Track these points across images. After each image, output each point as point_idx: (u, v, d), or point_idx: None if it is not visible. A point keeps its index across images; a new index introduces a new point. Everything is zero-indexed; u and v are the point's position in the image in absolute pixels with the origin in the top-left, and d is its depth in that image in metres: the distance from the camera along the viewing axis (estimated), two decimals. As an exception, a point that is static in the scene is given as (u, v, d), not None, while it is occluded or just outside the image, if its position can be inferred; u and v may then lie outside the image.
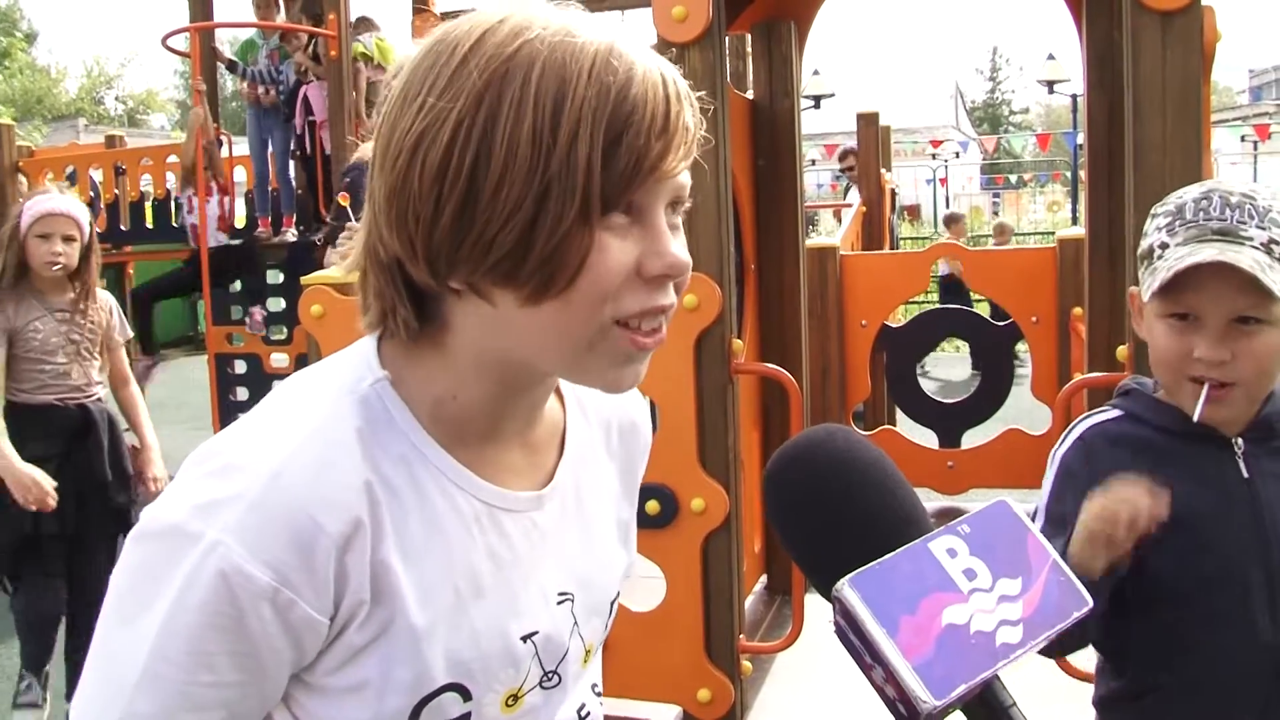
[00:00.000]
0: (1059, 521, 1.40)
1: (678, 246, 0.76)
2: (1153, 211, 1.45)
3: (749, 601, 3.44)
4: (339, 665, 0.76)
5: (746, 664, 2.72)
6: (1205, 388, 1.35)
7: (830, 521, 0.71)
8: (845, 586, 0.64)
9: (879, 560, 0.66)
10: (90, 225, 3.45)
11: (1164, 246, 1.37)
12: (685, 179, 0.77)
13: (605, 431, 0.98)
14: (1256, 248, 1.31)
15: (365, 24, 7.54)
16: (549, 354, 0.77)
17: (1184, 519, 1.35)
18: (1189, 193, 1.41)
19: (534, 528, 0.85)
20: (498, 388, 0.81)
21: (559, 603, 0.87)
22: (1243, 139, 23.83)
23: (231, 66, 7.84)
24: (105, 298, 3.57)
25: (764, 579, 3.75)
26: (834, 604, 0.66)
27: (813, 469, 0.74)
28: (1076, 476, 1.43)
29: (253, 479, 0.72)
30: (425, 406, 0.80)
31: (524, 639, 0.83)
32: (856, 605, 0.64)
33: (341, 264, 0.84)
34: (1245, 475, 1.41)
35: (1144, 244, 1.43)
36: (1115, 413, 1.49)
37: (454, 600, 0.79)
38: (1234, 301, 1.32)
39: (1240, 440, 1.42)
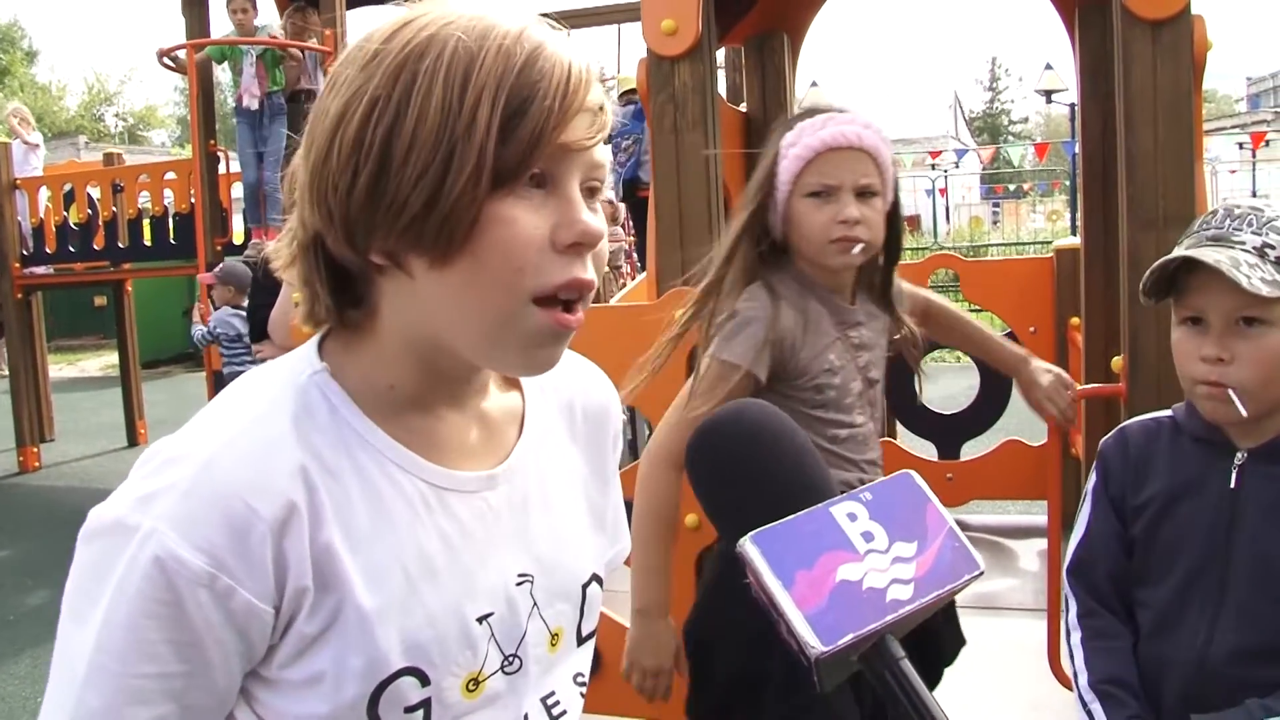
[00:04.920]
0: (1102, 500, 1.57)
1: (590, 215, 0.78)
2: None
3: (747, 616, 3.42)
4: (292, 658, 0.77)
5: (743, 680, 2.70)
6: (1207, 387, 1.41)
7: (740, 488, 0.76)
8: (747, 542, 0.69)
9: (781, 520, 0.71)
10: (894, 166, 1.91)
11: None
12: (601, 158, 0.80)
13: (568, 414, 0.98)
14: (1248, 251, 1.37)
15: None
16: (465, 328, 0.78)
17: (1169, 515, 1.48)
18: (1207, 212, 1.49)
19: (488, 509, 0.86)
20: (430, 371, 0.83)
21: (518, 584, 0.87)
22: (1240, 146, 23.85)
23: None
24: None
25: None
26: (740, 561, 0.70)
27: (726, 441, 0.79)
28: (1109, 459, 1.58)
29: (186, 469, 0.74)
30: (365, 394, 0.82)
31: (479, 620, 0.84)
32: (755, 559, 0.69)
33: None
34: (1232, 486, 1.44)
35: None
36: (1166, 414, 1.56)
37: (404, 582, 0.79)
38: (1232, 301, 1.37)
39: (1244, 454, 1.44)
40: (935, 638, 1.89)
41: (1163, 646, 1.47)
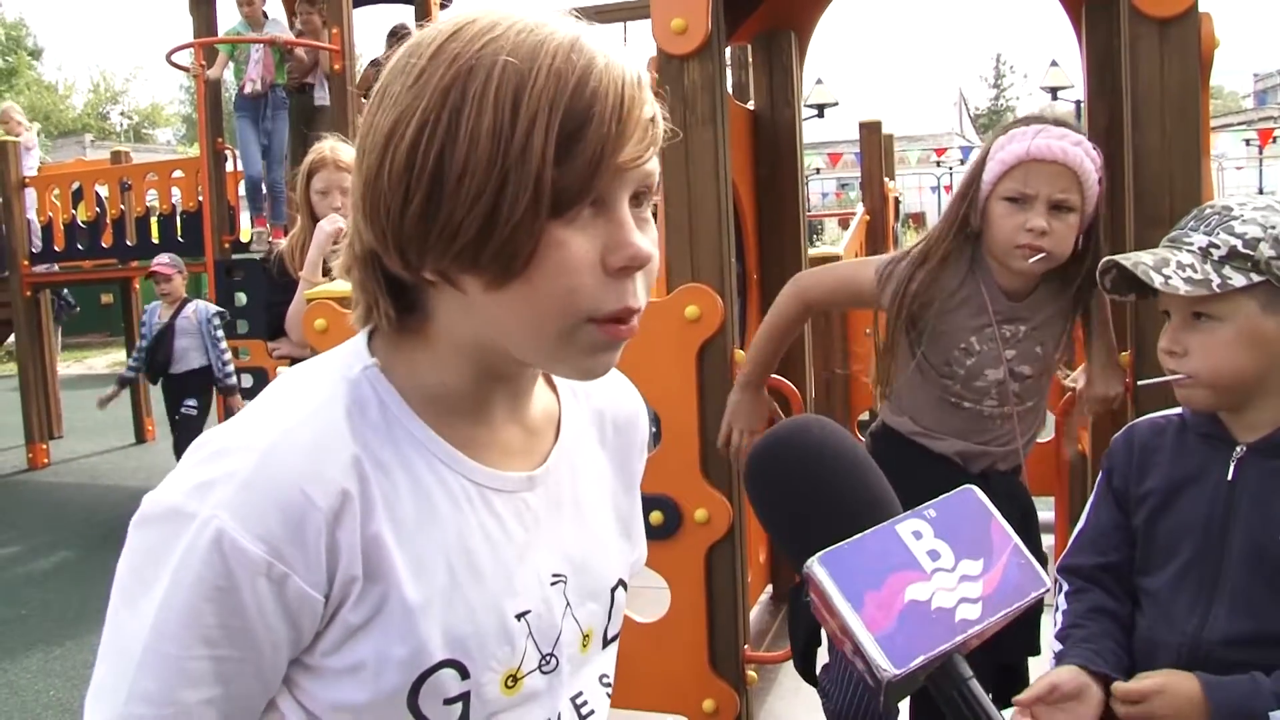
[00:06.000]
0: (1106, 494, 1.62)
1: (640, 238, 0.77)
2: None
3: (755, 611, 3.44)
4: (336, 646, 0.78)
5: (752, 674, 2.72)
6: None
7: (803, 506, 0.75)
8: (814, 564, 0.68)
9: (848, 540, 0.70)
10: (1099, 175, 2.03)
11: None
12: (652, 167, 0.78)
13: (599, 422, 1.00)
14: (1192, 251, 1.45)
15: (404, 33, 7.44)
16: (521, 341, 0.79)
17: (1169, 506, 1.53)
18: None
19: (526, 509, 0.87)
20: (481, 373, 0.84)
21: (552, 583, 0.89)
22: (1247, 143, 23.78)
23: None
24: None
25: (770, 589, 3.75)
26: (806, 581, 0.70)
27: (788, 457, 0.78)
28: (1115, 454, 1.63)
29: (245, 458, 0.74)
30: (414, 391, 0.83)
31: (518, 617, 0.85)
32: (824, 581, 0.68)
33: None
34: (1230, 479, 1.48)
35: None
36: (1175, 412, 1.61)
37: (448, 576, 0.81)
38: (1181, 297, 1.44)
39: (1243, 447, 1.49)
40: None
41: (1158, 630, 1.52)
